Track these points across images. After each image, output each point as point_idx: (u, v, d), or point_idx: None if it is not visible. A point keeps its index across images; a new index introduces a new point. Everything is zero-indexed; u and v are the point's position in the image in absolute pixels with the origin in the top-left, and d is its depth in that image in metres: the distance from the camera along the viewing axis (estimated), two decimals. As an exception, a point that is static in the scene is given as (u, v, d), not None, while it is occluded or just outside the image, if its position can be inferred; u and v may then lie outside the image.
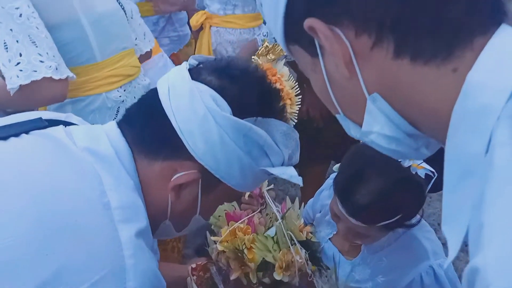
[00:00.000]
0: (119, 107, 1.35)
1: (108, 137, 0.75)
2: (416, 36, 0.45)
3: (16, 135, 0.74)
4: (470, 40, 0.45)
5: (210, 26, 2.24)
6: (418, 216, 1.13)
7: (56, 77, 1.10)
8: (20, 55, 1.08)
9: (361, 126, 0.53)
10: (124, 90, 1.37)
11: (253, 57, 1.32)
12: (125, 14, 1.41)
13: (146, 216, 0.71)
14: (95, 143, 0.73)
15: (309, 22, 0.48)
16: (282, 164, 0.79)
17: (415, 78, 0.47)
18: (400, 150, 0.53)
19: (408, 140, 0.52)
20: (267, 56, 1.30)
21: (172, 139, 0.73)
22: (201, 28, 2.28)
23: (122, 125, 0.79)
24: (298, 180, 0.77)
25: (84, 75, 1.27)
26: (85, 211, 0.65)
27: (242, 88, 0.76)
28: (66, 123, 0.81)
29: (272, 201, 1.23)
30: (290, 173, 0.77)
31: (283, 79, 1.25)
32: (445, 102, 0.45)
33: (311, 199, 1.48)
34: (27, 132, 0.75)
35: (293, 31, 0.52)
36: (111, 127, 0.78)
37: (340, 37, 0.47)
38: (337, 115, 0.57)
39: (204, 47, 2.26)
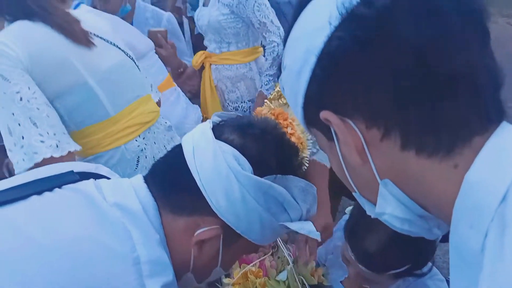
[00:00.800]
0: (138, 157, 1.34)
1: (135, 192, 0.78)
2: (418, 133, 0.49)
3: (50, 189, 0.77)
4: (469, 139, 0.48)
5: (210, 64, 2.38)
6: (430, 264, 1.10)
7: (56, 155, 1.13)
8: (23, 138, 1.12)
9: (375, 205, 0.56)
10: (143, 138, 1.36)
11: (265, 100, 1.37)
12: (134, 62, 1.41)
13: (172, 270, 0.73)
14: (124, 198, 0.76)
15: (323, 114, 0.52)
16: (300, 218, 0.81)
17: (421, 169, 0.50)
18: (413, 230, 0.56)
19: (420, 221, 0.55)
20: (279, 100, 1.34)
21: (196, 196, 0.76)
22: (203, 67, 2.42)
23: (148, 180, 0.81)
24: (316, 236, 0.79)
25: (101, 132, 1.28)
26: (117, 270, 0.67)
27: (263, 147, 0.78)
28: (96, 176, 0.85)
29: (284, 244, 1.26)
30: (308, 229, 0.79)
31: (295, 123, 1.29)
32: (449, 195, 0.48)
33: None
34: (60, 186, 0.78)
35: (311, 118, 0.56)
36: (138, 182, 0.81)
37: (352, 127, 0.51)
38: (353, 193, 0.60)
39: (206, 84, 2.39)
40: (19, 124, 1.12)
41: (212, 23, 2.25)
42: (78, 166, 0.87)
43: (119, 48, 1.36)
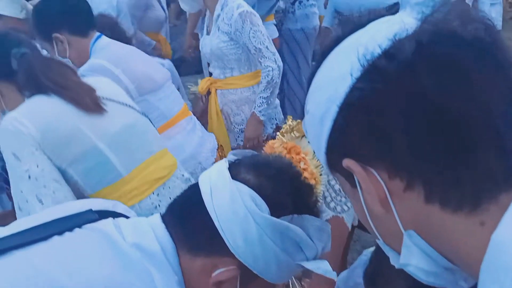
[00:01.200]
0: (152, 214, 1.37)
1: (154, 232, 0.79)
2: (441, 187, 0.47)
3: (70, 229, 0.78)
4: (494, 195, 0.46)
5: (216, 89, 2.46)
6: None
7: None
8: (29, 214, 1.17)
9: (399, 253, 0.55)
10: (157, 195, 1.37)
11: (277, 133, 1.37)
12: (149, 118, 1.44)
13: None
14: (143, 238, 0.77)
15: (346, 162, 0.52)
16: (315, 257, 0.81)
17: (445, 224, 0.49)
18: (439, 282, 0.54)
19: (446, 274, 0.53)
20: (291, 134, 1.34)
21: (214, 237, 0.76)
22: (209, 92, 2.51)
23: (166, 219, 0.82)
24: (332, 275, 0.78)
25: (115, 193, 1.30)
26: None
27: (279, 187, 0.79)
28: (114, 214, 0.86)
29: (297, 282, 1.25)
30: (324, 268, 0.79)
31: (308, 157, 1.29)
32: (476, 252, 0.47)
33: (344, 272, 1.47)
34: (80, 226, 0.79)
35: (334, 164, 0.55)
36: (156, 221, 0.82)
37: (375, 177, 0.50)
38: (377, 240, 0.59)
39: (212, 108, 2.48)
40: (27, 201, 1.19)
41: (214, 50, 2.34)
42: (96, 204, 0.87)
43: (132, 107, 1.41)
